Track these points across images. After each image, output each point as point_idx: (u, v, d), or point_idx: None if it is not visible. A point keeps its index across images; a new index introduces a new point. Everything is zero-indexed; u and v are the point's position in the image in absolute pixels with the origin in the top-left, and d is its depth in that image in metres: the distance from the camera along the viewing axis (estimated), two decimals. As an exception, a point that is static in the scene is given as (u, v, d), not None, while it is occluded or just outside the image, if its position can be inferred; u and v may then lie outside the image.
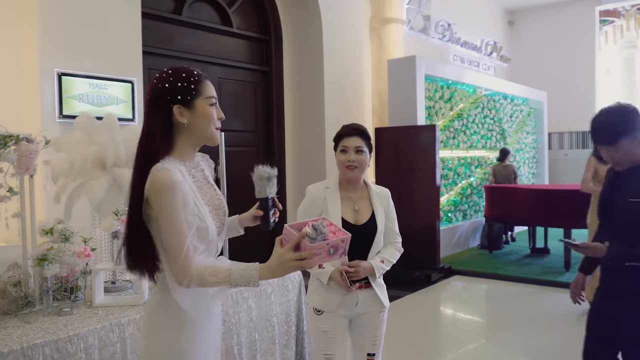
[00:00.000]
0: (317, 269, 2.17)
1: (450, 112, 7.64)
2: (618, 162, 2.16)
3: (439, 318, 5.14)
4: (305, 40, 6.69)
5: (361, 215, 2.38)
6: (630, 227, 2.13)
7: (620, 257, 2.16)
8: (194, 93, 1.57)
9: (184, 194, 1.50)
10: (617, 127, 2.09)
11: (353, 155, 2.34)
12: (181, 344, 1.58)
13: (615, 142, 2.10)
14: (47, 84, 3.89)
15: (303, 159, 6.78)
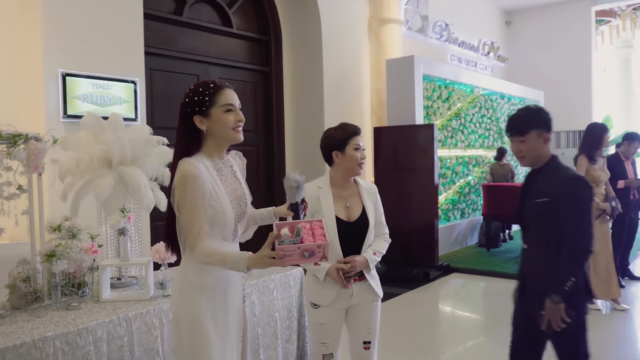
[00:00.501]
0: (312, 266, 2.33)
1: (448, 111, 7.71)
2: (524, 155, 2.23)
3: (437, 315, 5.21)
4: (305, 40, 6.75)
5: (353, 212, 2.46)
6: (539, 227, 2.22)
7: (534, 258, 2.27)
8: (209, 104, 1.83)
9: (203, 183, 1.76)
10: (528, 118, 2.21)
11: (363, 153, 2.49)
12: (197, 305, 1.82)
13: (524, 133, 2.19)
14: (51, 85, 3.95)
15: (303, 158, 6.84)
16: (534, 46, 11.72)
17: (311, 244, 1.65)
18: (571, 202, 2.11)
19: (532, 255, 2.27)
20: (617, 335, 4.46)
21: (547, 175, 2.19)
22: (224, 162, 1.94)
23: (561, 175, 2.18)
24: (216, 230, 1.83)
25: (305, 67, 6.75)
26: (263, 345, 3.03)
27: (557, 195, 2.12)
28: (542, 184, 2.18)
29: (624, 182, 5.57)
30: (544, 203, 2.14)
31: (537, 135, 2.20)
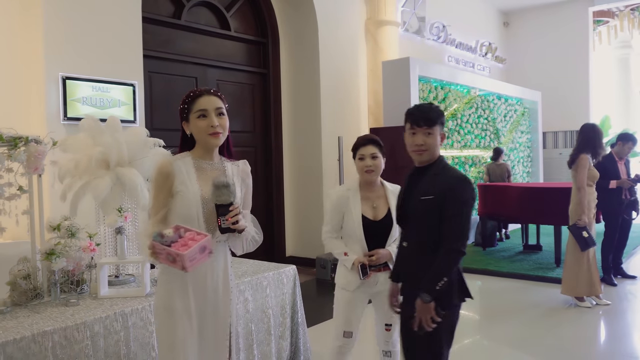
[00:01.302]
0: (343, 257, 2.73)
1: (445, 112, 7.79)
2: (426, 149, 2.17)
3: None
4: (302, 42, 6.84)
5: (379, 212, 2.75)
6: (420, 225, 2.21)
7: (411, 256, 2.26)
8: (187, 111, 2.03)
9: (167, 176, 1.97)
10: (435, 113, 2.21)
11: (369, 161, 2.74)
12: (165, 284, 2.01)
13: (432, 125, 2.16)
14: (52, 88, 4.05)
15: (300, 159, 6.94)
16: (532, 47, 11.80)
17: (172, 251, 1.77)
18: (454, 202, 2.12)
19: (410, 253, 2.26)
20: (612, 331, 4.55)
21: (435, 174, 2.19)
22: (211, 163, 2.07)
23: (448, 174, 2.19)
24: (183, 217, 1.96)
25: (303, 69, 6.85)
26: (257, 341, 3.12)
27: (442, 194, 2.13)
28: (429, 182, 2.18)
29: (616, 182, 5.65)
30: (428, 200, 2.14)
31: (439, 131, 2.21)
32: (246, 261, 3.57)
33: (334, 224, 2.79)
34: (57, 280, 2.68)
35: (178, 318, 1.97)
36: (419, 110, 2.22)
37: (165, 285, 2.02)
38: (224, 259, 2.10)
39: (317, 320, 4.69)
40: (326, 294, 5.84)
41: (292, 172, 7.01)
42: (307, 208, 6.91)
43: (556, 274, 6.02)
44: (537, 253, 7.36)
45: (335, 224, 2.78)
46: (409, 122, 2.23)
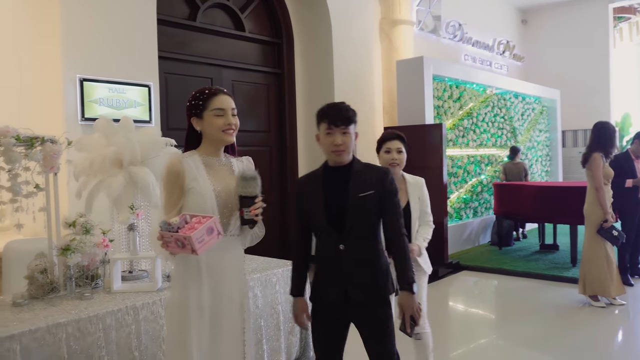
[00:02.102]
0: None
1: (460, 111, 7.77)
2: (344, 149, 2.17)
3: (446, 312, 5.29)
4: (316, 42, 6.90)
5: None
6: (361, 223, 2.18)
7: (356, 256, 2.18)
8: (202, 107, 2.08)
9: (177, 175, 2.01)
10: (352, 112, 2.22)
11: (395, 154, 2.90)
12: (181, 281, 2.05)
13: (349, 124, 2.17)
14: (69, 89, 4.16)
15: (315, 158, 6.99)
16: (551, 44, 11.67)
17: (180, 235, 1.79)
18: (390, 193, 2.19)
19: (353, 254, 2.17)
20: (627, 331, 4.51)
21: (360, 171, 2.21)
22: (218, 160, 2.13)
23: (374, 169, 2.24)
24: (197, 212, 1.96)
25: (317, 69, 6.90)
26: (266, 337, 3.18)
27: (380, 188, 2.17)
28: (361, 180, 2.18)
29: (632, 181, 5.59)
30: (369, 196, 2.15)
31: (354, 130, 2.22)
32: (256, 258, 3.63)
33: None
34: (73, 275, 2.77)
35: (192, 316, 2.00)
36: (335, 109, 2.18)
37: (180, 282, 2.04)
38: (239, 254, 2.15)
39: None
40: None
41: (306, 171, 7.04)
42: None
43: (572, 273, 5.98)
44: (554, 253, 7.30)
45: None
46: (325, 122, 2.18)
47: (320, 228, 2.22)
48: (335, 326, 2.28)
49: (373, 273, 2.18)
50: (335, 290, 2.20)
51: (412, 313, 2.17)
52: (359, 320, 2.25)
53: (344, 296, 2.19)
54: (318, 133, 2.26)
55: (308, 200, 2.26)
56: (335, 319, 2.27)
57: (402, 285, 2.16)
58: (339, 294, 2.19)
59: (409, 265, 2.17)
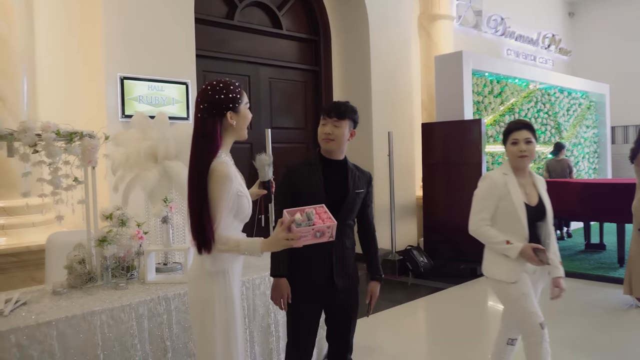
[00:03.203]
0: (504, 245, 2.59)
1: (501, 106, 7.59)
2: (333, 138, 2.34)
3: (484, 310, 5.19)
4: (353, 39, 6.88)
5: (531, 198, 2.70)
6: (349, 217, 2.39)
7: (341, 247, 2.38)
8: (239, 101, 1.96)
9: (233, 184, 1.91)
10: (349, 109, 2.38)
11: (523, 145, 2.67)
12: (212, 290, 1.97)
13: (342, 118, 2.33)
14: (110, 87, 4.31)
15: (351, 155, 6.94)
16: (600, 37, 11.24)
17: (322, 225, 1.86)
18: (371, 195, 2.49)
19: (340, 242, 2.36)
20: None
21: (356, 169, 2.45)
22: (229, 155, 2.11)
23: (364, 172, 2.48)
24: (242, 216, 2.01)
25: (354, 65, 6.88)
26: (275, 335, 3.14)
27: (367, 189, 2.45)
28: (357, 177, 2.41)
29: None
30: (361, 194, 2.41)
31: (349, 126, 2.37)
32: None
33: (490, 210, 2.67)
34: (109, 266, 2.86)
35: (239, 311, 2.06)
36: (332, 104, 2.39)
37: (230, 292, 2.00)
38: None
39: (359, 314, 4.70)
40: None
41: (343, 168, 7.06)
42: (358, 204, 6.93)
43: (618, 274, 5.75)
44: (600, 252, 7.03)
45: (492, 210, 2.67)
46: (321, 114, 2.40)
47: None
48: (313, 312, 2.43)
49: (352, 261, 2.44)
50: (320, 276, 2.36)
51: (375, 300, 2.51)
52: (336, 305, 2.42)
53: (327, 281, 2.36)
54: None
55: (307, 186, 2.35)
56: (314, 305, 2.42)
57: (374, 276, 2.49)
58: (323, 280, 2.36)
59: (379, 259, 2.54)
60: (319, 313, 2.46)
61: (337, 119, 2.34)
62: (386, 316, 4.83)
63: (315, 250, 2.25)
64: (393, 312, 4.94)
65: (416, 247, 6.29)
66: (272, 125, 6.10)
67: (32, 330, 2.23)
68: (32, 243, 3.60)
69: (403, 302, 5.19)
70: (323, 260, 2.36)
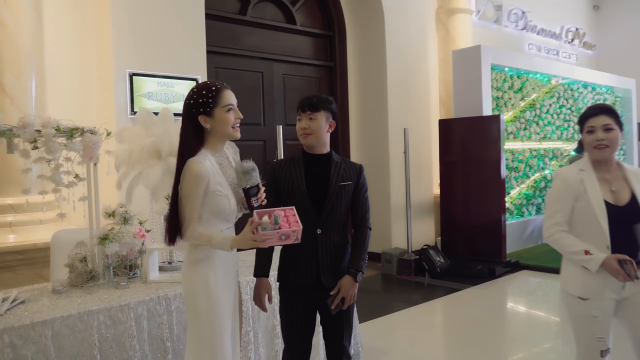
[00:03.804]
0: (583, 256, 2.19)
1: (521, 102, 7.38)
2: (310, 132, 2.26)
3: (503, 313, 5.01)
4: (369, 34, 6.75)
5: (620, 196, 2.28)
6: (337, 210, 2.29)
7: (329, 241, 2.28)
8: (212, 105, 2.00)
9: (208, 182, 1.96)
10: (321, 100, 2.29)
11: (601, 134, 2.25)
12: (195, 281, 2.04)
13: (315, 110, 2.25)
14: (120, 84, 4.27)
15: (367, 152, 6.86)
16: (626, 30, 10.86)
17: (288, 230, 1.91)
18: (363, 187, 2.35)
19: (327, 239, 2.28)
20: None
21: (339, 162, 2.34)
22: (222, 155, 2.14)
23: (351, 163, 2.38)
24: (223, 215, 2.04)
25: (369, 61, 6.76)
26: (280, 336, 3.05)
27: (356, 181, 2.33)
28: (342, 170, 2.32)
29: None
30: (347, 186, 2.30)
31: (325, 117, 2.28)
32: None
33: (564, 212, 2.29)
34: (111, 264, 2.81)
35: (225, 313, 2.05)
36: (305, 98, 2.31)
37: (211, 282, 2.03)
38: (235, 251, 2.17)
39: (374, 315, 4.62)
40: (390, 289, 5.76)
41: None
42: (374, 201, 6.79)
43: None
44: (625, 253, 6.78)
45: (567, 212, 2.28)
46: (297, 110, 2.32)
47: (299, 211, 2.12)
48: (304, 313, 2.32)
49: (342, 259, 2.31)
50: (307, 275, 2.27)
51: (346, 296, 2.25)
52: (325, 305, 2.28)
53: (316, 281, 2.26)
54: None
55: (288, 183, 2.30)
56: (305, 305, 2.31)
57: (349, 270, 2.28)
58: (311, 278, 2.27)
59: (364, 256, 2.32)
60: (311, 313, 2.34)
61: (310, 111, 2.26)
62: (401, 317, 4.71)
63: (302, 249, 2.25)
64: (408, 313, 4.82)
65: (433, 247, 6.14)
66: (286, 122, 6.01)
67: (26, 329, 2.18)
68: (39, 240, 3.58)
69: (418, 303, 5.06)
70: (309, 258, 2.27)
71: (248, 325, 2.87)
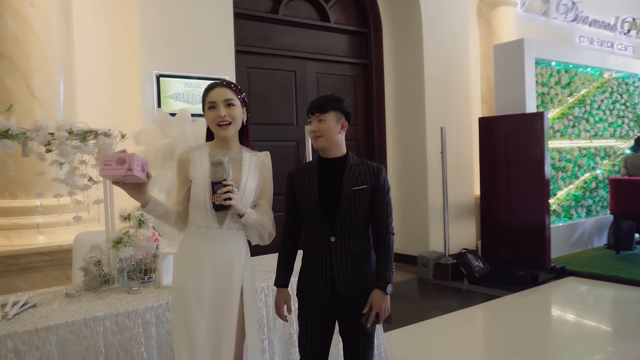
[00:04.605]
0: None
1: (569, 98, 6.97)
2: (320, 134, 2.15)
3: (549, 321, 4.71)
4: (406, 30, 6.54)
5: None
6: (352, 217, 2.14)
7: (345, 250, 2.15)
8: (203, 104, 2.12)
9: (182, 165, 2.11)
10: (330, 101, 2.16)
11: None
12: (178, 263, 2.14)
13: (324, 111, 2.14)
14: (146, 85, 4.27)
15: (404, 151, 6.66)
16: (689, 20, 10.13)
17: (122, 155, 1.84)
18: (382, 190, 2.18)
19: (343, 246, 2.15)
20: None
21: (355, 164, 2.20)
22: (227, 153, 2.10)
23: (369, 164, 2.22)
24: (197, 205, 2.06)
25: (406, 57, 6.55)
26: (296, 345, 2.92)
27: (373, 184, 2.17)
28: (356, 173, 2.17)
29: None
30: (362, 190, 2.15)
31: (336, 118, 2.16)
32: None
33: None
34: (124, 268, 2.77)
35: (189, 298, 2.04)
36: (314, 100, 2.21)
37: (179, 266, 2.11)
38: (236, 248, 2.11)
39: (408, 322, 4.44)
40: (425, 295, 5.54)
41: (395, 165, 6.76)
42: (411, 202, 6.60)
43: None
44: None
45: None
46: (307, 115, 2.23)
47: (312, 218, 2.18)
48: (321, 322, 2.22)
49: (361, 268, 2.17)
50: (322, 283, 2.17)
51: (379, 311, 2.12)
52: (347, 316, 2.18)
53: (331, 289, 2.15)
54: None
55: (302, 190, 2.21)
56: (322, 314, 2.21)
57: (377, 283, 2.14)
58: (327, 287, 2.16)
59: (390, 265, 2.16)
60: (328, 324, 2.22)
61: (319, 113, 2.16)
62: (436, 325, 4.50)
63: (317, 257, 2.17)
64: (443, 320, 4.60)
65: (471, 251, 5.87)
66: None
67: (31, 335, 2.15)
68: (64, 242, 3.60)
69: (455, 310, 4.83)
70: (324, 267, 2.16)
71: (263, 333, 2.77)
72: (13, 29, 3.67)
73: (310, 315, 2.21)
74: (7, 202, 3.69)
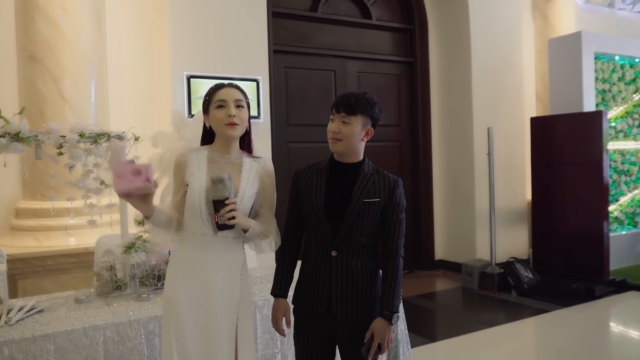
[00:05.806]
0: None
1: (635, 95, 6.41)
2: (340, 138, 1.93)
3: (608, 340, 4.30)
4: (453, 25, 6.23)
5: None
6: (358, 231, 1.93)
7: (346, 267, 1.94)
8: (208, 103, 2.01)
9: (179, 168, 2.02)
10: (362, 102, 1.93)
11: None
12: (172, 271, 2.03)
13: (352, 113, 1.92)
14: (177, 87, 4.24)
15: (450, 153, 6.34)
16: None
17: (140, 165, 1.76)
18: (397, 206, 1.97)
19: (344, 263, 1.94)
20: None
21: (370, 174, 1.97)
22: (227, 157, 2.01)
23: (386, 176, 1.99)
24: (191, 210, 1.95)
25: (454, 54, 6.24)
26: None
27: (387, 198, 1.96)
28: (369, 184, 1.95)
29: None
30: (374, 204, 1.93)
31: (362, 123, 1.94)
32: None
33: None
34: (136, 274, 2.71)
35: (181, 310, 1.94)
36: (342, 96, 1.98)
37: (172, 274, 2.02)
38: (235, 257, 2.00)
39: (450, 335, 4.18)
40: (469, 306, 5.22)
41: (441, 168, 6.45)
42: (457, 206, 6.28)
43: None
44: None
45: None
46: (331, 109, 1.99)
47: (314, 226, 1.98)
48: (318, 344, 2.01)
49: (363, 289, 1.95)
50: (318, 300, 1.96)
51: (382, 342, 1.91)
52: (345, 339, 1.98)
53: (327, 309, 1.95)
54: None
55: (307, 193, 2.00)
56: (319, 335, 2.00)
57: (381, 311, 1.92)
58: (321, 305, 1.95)
59: (397, 292, 1.94)
60: (325, 344, 2.01)
61: (345, 114, 1.92)
62: (479, 339, 4.20)
63: (315, 271, 1.97)
64: (488, 334, 4.29)
65: (519, 260, 5.49)
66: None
67: (28, 343, 2.10)
68: (90, 244, 3.60)
69: (500, 324, 4.51)
70: (321, 282, 1.96)
71: (275, 347, 2.63)
72: (45, 33, 3.71)
73: (305, 335, 2.02)
74: (38, 204, 3.73)
